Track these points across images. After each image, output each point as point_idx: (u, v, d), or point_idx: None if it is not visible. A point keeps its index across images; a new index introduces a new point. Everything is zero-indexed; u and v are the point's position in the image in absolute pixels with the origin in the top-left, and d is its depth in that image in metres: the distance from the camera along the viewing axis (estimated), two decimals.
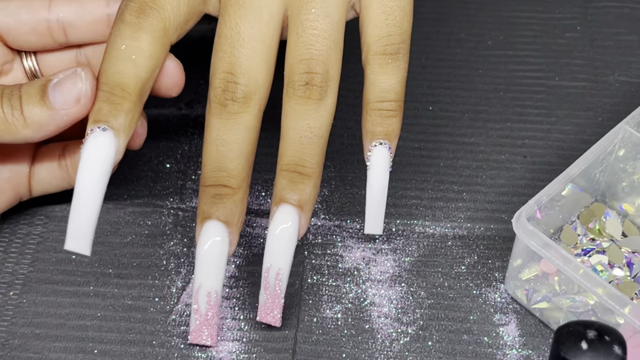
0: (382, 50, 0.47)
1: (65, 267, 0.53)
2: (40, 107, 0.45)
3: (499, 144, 0.60)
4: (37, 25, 0.50)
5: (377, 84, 0.47)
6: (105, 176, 0.44)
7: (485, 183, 0.58)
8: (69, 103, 0.45)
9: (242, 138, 0.46)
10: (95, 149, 0.44)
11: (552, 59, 0.65)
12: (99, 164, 0.44)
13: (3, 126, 0.45)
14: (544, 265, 0.50)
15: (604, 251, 0.53)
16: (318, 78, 0.45)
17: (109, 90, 0.44)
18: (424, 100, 0.62)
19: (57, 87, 0.45)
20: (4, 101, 0.45)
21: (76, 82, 0.45)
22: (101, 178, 0.44)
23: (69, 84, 0.45)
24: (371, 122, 0.48)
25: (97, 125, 0.44)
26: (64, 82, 0.45)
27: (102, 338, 0.50)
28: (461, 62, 0.64)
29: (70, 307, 0.51)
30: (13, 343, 0.49)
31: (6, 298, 0.51)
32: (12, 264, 0.53)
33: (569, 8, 0.68)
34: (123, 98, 0.44)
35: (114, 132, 0.44)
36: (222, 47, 0.45)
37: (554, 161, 0.58)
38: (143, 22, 0.45)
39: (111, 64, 0.45)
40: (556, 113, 0.61)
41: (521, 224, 0.48)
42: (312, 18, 0.45)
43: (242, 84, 0.45)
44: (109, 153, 0.44)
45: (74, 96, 0.45)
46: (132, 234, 0.54)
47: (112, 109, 0.44)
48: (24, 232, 0.54)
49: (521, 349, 0.50)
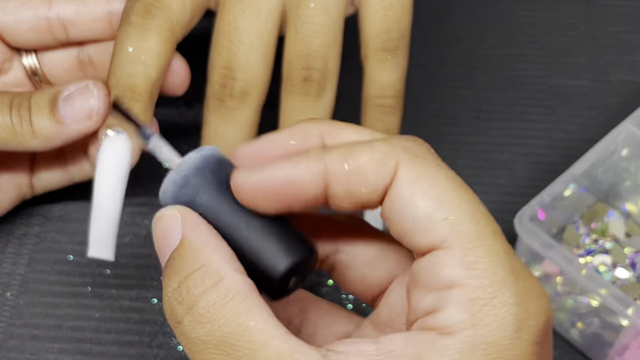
0: (381, 46, 0.46)
1: (62, 268, 0.52)
2: (50, 119, 0.45)
3: (500, 143, 0.59)
4: (37, 23, 0.49)
5: (376, 80, 0.47)
6: (123, 180, 0.44)
7: (487, 183, 0.57)
8: (80, 119, 0.44)
9: (240, 134, 0.45)
10: (112, 153, 0.44)
11: (554, 58, 0.64)
12: (117, 168, 0.44)
13: (11, 136, 0.45)
14: (547, 265, 0.50)
15: (607, 251, 0.53)
16: (316, 74, 0.45)
17: (120, 93, 0.44)
18: (425, 99, 0.62)
19: (68, 101, 0.45)
20: (13, 111, 0.45)
21: (88, 99, 0.44)
22: (119, 182, 0.44)
23: (81, 100, 0.44)
24: (370, 119, 0.47)
25: (111, 129, 0.44)
26: (76, 97, 0.45)
27: (100, 339, 0.49)
28: (462, 60, 0.64)
29: (68, 308, 0.51)
30: (10, 344, 0.49)
31: (3, 299, 0.51)
32: (9, 265, 0.52)
33: (571, 7, 0.68)
34: (135, 100, 0.44)
35: (128, 135, 0.44)
36: (220, 43, 0.45)
37: (556, 161, 0.58)
38: (150, 23, 0.45)
39: (120, 66, 0.45)
40: (558, 112, 0.61)
41: (523, 224, 0.47)
42: (311, 13, 0.45)
43: (240, 80, 0.45)
44: (126, 156, 0.44)
45: (86, 112, 0.44)
46: (130, 234, 0.54)
47: None
48: (21, 232, 0.54)
49: None
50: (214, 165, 0.34)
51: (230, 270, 0.33)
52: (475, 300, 0.30)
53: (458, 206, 0.32)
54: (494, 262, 0.31)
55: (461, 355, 0.30)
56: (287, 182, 0.33)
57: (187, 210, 0.34)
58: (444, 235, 0.31)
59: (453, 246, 0.31)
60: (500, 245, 0.32)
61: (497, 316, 0.30)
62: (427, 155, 0.33)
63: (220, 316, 0.32)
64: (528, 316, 0.31)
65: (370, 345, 0.31)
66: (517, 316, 0.30)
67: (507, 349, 0.30)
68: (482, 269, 0.31)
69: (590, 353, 0.49)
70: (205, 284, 0.32)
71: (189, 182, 0.34)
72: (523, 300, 0.31)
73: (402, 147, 0.33)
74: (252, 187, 0.33)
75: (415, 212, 0.32)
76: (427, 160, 0.33)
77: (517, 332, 0.30)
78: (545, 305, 0.32)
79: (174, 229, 0.34)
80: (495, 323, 0.30)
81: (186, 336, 0.33)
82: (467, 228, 0.31)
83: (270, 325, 0.32)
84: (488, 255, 0.31)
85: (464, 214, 0.32)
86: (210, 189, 0.34)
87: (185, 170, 0.34)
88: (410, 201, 0.32)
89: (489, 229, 0.32)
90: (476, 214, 0.32)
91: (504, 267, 0.31)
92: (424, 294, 0.32)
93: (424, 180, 0.32)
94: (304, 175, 0.33)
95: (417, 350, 0.30)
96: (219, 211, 0.34)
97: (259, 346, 0.31)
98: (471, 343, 0.30)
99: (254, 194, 0.33)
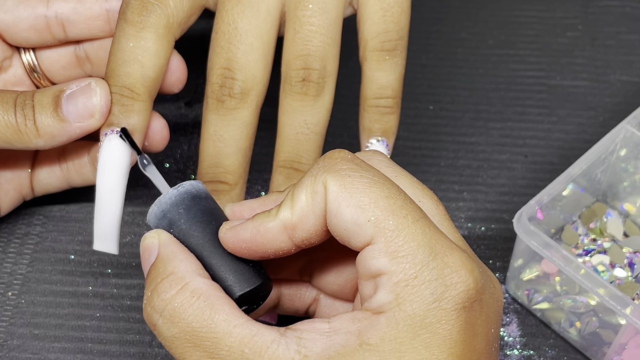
0: (379, 46, 0.46)
1: (63, 268, 0.52)
2: (53, 118, 0.45)
3: (499, 144, 0.59)
4: (36, 22, 0.49)
5: (375, 81, 0.47)
6: (123, 177, 0.44)
7: (486, 183, 0.57)
8: (83, 117, 0.45)
9: (239, 134, 0.46)
10: (111, 151, 0.44)
11: (553, 58, 0.64)
12: (117, 165, 0.44)
13: (15, 135, 0.45)
14: (545, 265, 0.50)
15: (605, 251, 0.53)
16: (315, 74, 0.45)
17: (118, 92, 0.45)
18: (425, 100, 0.62)
19: (70, 100, 0.45)
20: (17, 110, 0.45)
21: (90, 97, 0.45)
22: (120, 179, 0.44)
23: (84, 98, 0.45)
24: (368, 119, 0.48)
25: (110, 128, 0.44)
26: (78, 95, 0.45)
27: (101, 338, 0.50)
28: (462, 61, 0.64)
29: (69, 308, 0.51)
30: (11, 343, 0.49)
31: (4, 298, 0.51)
32: (11, 264, 0.52)
33: (570, 7, 0.68)
34: (133, 99, 0.45)
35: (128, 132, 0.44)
36: (220, 43, 0.45)
37: (555, 161, 0.58)
38: (146, 20, 0.45)
39: (117, 65, 0.45)
40: (557, 112, 0.61)
41: (522, 224, 0.47)
42: (310, 14, 0.45)
43: (239, 80, 0.45)
44: (125, 154, 0.44)
45: (89, 111, 0.45)
46: (131, 233, 0.54)
47: (123, 110, 0.45)
48: (22, 232, 0.54)
49: (522, 349, 0.50)
50: (188, 202, 0.41)
51: (194, 276, 0.38)
52: (398, 283, 0.36)
53: (377, 206, 0.36)
54: (413, 248, 0.36)
55: (389, 328, 0.36)
56: (255, 239, 0.39)
57: (164, 233, 0.40)
58: (370, 234, 0.37)
59: (378, 241, 0.36)
60: (420, 230, 0.36)
61: (417, 294, 0.36)
62: (350, 165, 0.38)
63: (188, 314, 0.37)
64: (446, 288, 0.36)
65: (323, 324, 0.37)
66: (435, 289, 0.36)
67: (427, 317, 0.36)
68: (403, 255, 0.36)
69: (589, 352, 0.49)
70: (173, 289, 0.38)
71: (166, 215, 0.40)
72: (440, 275, 0.36)
73: (325, 169, 0.38)
74: (231, 242, 0.39)
75: (344, 221, 0.37)
76: (348, 172, 0.37)
77: (437, 302, 0.36)
78: (466, 275, 0.36)
79: (152, 248, 0.40)
80: (416, 299, 0.36)
81: (163, 336, 0.38)
82: (387, 223, 0.36)
83: (232, 316, 0.37)
84: (407, 243, 0.36)
85: (383, 211, 0.36)
86: (181, 224, 0.40)
87: (163, 206, 0.41)
88: (337, 213, 0.37)
89: (409, 217, 0.37)
90: (394, 208, 0.36)
91: (422, 249, 0.36)
92: (363, 283, 0.38)
93: (345, 192, 0.37)
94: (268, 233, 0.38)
95: (358, 327, 0.36)
96: (187, 240, 0.40)
97: (223, 335, 0.37)
98: (397, 318, 0.36)
99: (235, 247, 0.39)
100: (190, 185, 0.41)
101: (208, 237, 0.40)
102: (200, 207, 0.41)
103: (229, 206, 0.42)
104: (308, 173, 0.38)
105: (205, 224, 0.40)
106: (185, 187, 0.41)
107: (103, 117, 0.45)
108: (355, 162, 0.38)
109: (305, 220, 0.38)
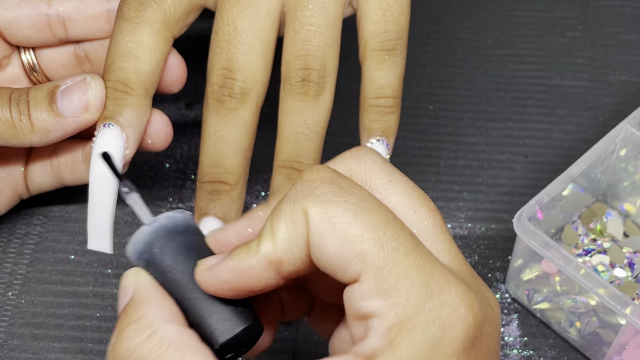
0: (379, 46, 0.46)
1: (64, 268, 0.52)
2: (48, 113, 0.45)
3: (499, 144, 0.59)
4: (37, 20, 0.49)
5: (374, 80, 0.47)
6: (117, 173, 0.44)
7: (486, 183, 0.57)
8: (78, 111, 0.45)
9: (239, 134, 0.46)
10: (104, 146, 0.44)
11: (553, 58, 0.64)
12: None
13: (10, 130, 0.45)
14: (545, 265, 0.50)
15: (605, 251, 0.53)
16: (315, 74, 0.45)
17: (112, 86, 0.45)
18: (425, 100, 0.62)
19: (65, 94, 0.45)
20: (12, 105, 0.45)
21: (85, 91, 0.45)
22: (112, 175, 0.44)
23: (78, 92, 0.45)
24: (368, 119, 0.48)
25: (103, 122, 0.44)
26: (73, 90, 0.45)
27: (102, 339, 0.50)
28: (462, 61, 0.64)
29: (69, 308, 0.51)
30: (12, 343, 0.49)
31: (4, 298, 0.51)
32: (11, 264, 0.52)
33: (570, 7, 0.68)
34: (126, 93, 0.45)
35: (120, 128, 0.44)
36: (219, 43, 0.45)
37: (555, 161, 0.58)
38: (142, 15, 0.45)
39: (113, 60, 0.45)
40: (557, 112, 0.61)
41: (522, 224, 0.47)
42: (309, 14, 0.45)
43: (240, 80, 0.45)
44: (118, 149, 0.44)
45: (83, 104, 0.45)
46: (131, 233, 0.54)
47: (116, 104, 0.45)
48: (22, 232, 0.54)
49: (522, 349, 0.50)
50: (163, 240, 0.37)
51: (163, 322, 0.35)
52: (392, 328, 0.32)
53: (364, 238, 0.33)
54: (407, 286, 0.33)
55: None
56: (238, 279, 0.35)
57: (142, 273, 0.37)
58: (358, 270, 0.33)
59: (367, 279, 0.33)
60: (414, 264, 0.33)
61: (413, 339, 0.32)
62: (331, 189, 0.34)
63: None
64: (445, 331, 0.33)
65: None
66: (433, 334, 0.32)
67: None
68: (397, 295, 0.33)
69: (589, 352, 0.49)
70: (139, 336, 0.34)
71: (141, 256, 0.37)
72: (438, 317, 0.33)
73: (303, 195, 0.34)
74: (211, 285, 0.36)
75: (328, 255, 0.33)
76: (329, 197, 0.34)
77: (435, 349, 0.32)
78: (465, 313, 0.33)
79: (128, 289, 0.37)
80: (412, 345, 0.32)
81: None
82: (376, 259, 0.33)
83: None
84: (400, 280, 0.33)
85: (372, 245, 0.33)
86: (157, 265, 0.37)
87: (138, 246, 0.37)
88: (320, 246, 0.34)
89: (401, 250, 0.33)
90: (383, 241, 0.33)
91: (417, 288, 0.33)
92: (353, 322, 0.34)
93: (328, 222, 0.33)
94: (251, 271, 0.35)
95: None
96: (165, 281, 0.37)
97: None
98: None
99: (216, 290, 0.36)
100: (166, 219, 0.38)
101: (187, 279, 0.36)
102: (177, 244, 0.37)
103: (212, 234, 0.38)
104: (286, 198, 0.35)
105: (183, 263, 0.37)
106: (161, 221, 0.38)
107: (98, 112, 0.45)
108: (337, 183, 0.35)
109: (290, 254, 0.34)
